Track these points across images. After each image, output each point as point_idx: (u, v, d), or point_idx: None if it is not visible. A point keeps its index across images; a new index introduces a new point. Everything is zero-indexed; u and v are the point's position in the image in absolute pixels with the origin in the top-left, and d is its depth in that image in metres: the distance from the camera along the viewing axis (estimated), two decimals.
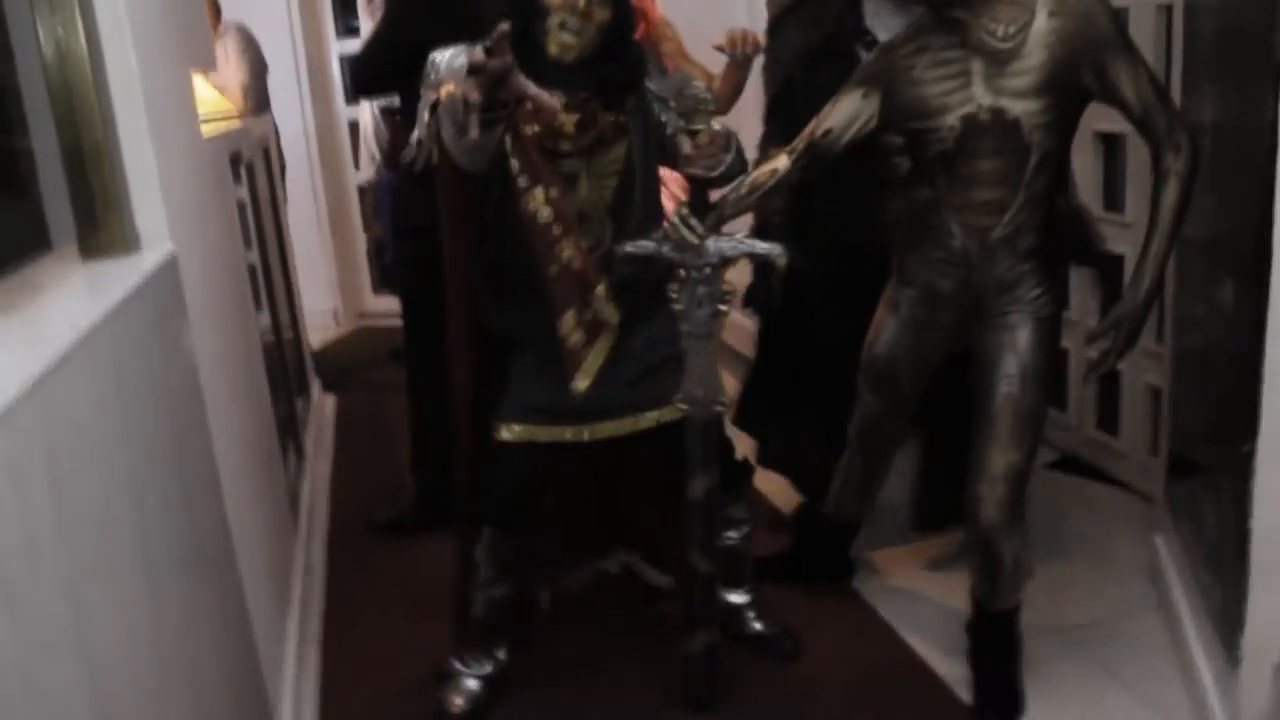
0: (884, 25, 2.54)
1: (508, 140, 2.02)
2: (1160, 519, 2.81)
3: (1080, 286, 3.34)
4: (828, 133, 2.20)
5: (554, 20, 2.00)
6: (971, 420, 2.26)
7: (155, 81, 1.88)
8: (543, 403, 2.21)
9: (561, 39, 2.01)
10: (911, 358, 2.38)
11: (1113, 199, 3.25)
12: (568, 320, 2.14)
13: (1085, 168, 3.18)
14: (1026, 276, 2.21)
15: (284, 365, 3.45)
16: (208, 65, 2.63)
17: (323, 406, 4.48)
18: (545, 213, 2.08)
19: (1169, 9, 2.83)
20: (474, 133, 1.74)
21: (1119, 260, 3.05)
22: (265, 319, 3.32)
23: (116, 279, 1.60)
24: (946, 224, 2.20)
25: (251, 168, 3.32)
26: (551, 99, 1.91)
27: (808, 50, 2.67)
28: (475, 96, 1.69)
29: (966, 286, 2.24)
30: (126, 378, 1.45)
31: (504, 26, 1.73)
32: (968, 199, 2.16)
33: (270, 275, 3.48)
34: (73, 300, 1.51)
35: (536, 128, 2.05)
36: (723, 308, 2.11)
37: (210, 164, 2.39)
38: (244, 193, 3.05)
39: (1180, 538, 2.61)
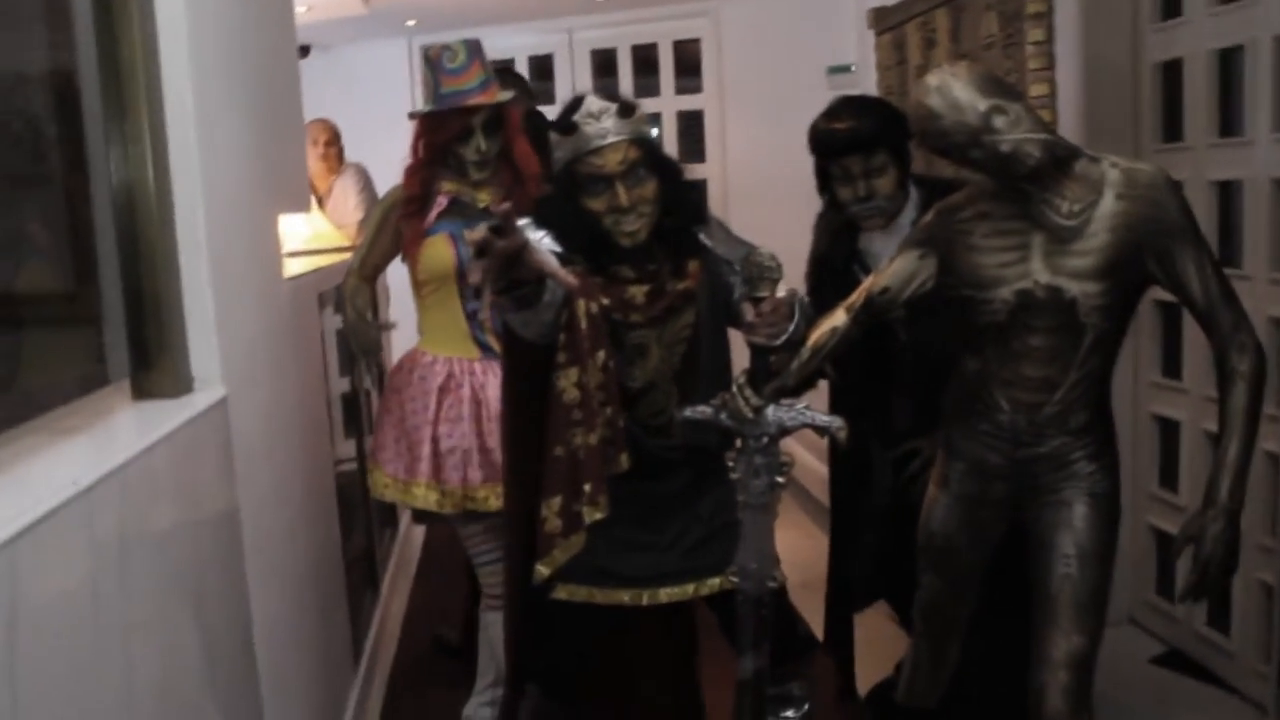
0: (877, 249, 2.54)
1: (563, 315, 2.00)
2: None
3: (1191, 468, 3.15)
4: (885, 290, 2.16)
5: (608, 221, 2.00)
6: (1029, 604, 2.13)
7: (227, 225, 1.94)
8: (602, 564, 2.14)
9: (624, 230, 2.00)
10: (967, 534, 2.26)
11: (1173, 367, 3.13)
12: (552, 505, 2.08)
13: (1144, 330, 3.12)
14: (1079, 453, 2.11)
15: (367, 497, 3.46)
16: (300, 206, 2.70)
17: (410, 538, 4.48)
18: (572, 394, 2.03)
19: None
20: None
21: None
22: (353, 449, 3.36)
23: (160, 420, 1.63)
24: (995, 398, 2.12)
25: None
26: (569, 277, 1.88)
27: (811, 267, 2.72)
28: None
29: (1016, 462, 2.14)
30: (150, 519, 1.45)
31: (506, 205, 1.72)
32: (1017, 374, 2.08)
33: (365, 404, 3.53)
34: (106, 438, 1.53)
35: (606, 300, 2.04)
36: (780, 480, 2.03)
37: (289, 302, 2.44)
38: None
39: None
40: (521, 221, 2.02)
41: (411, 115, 2.64)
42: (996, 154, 1.93)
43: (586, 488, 2.05)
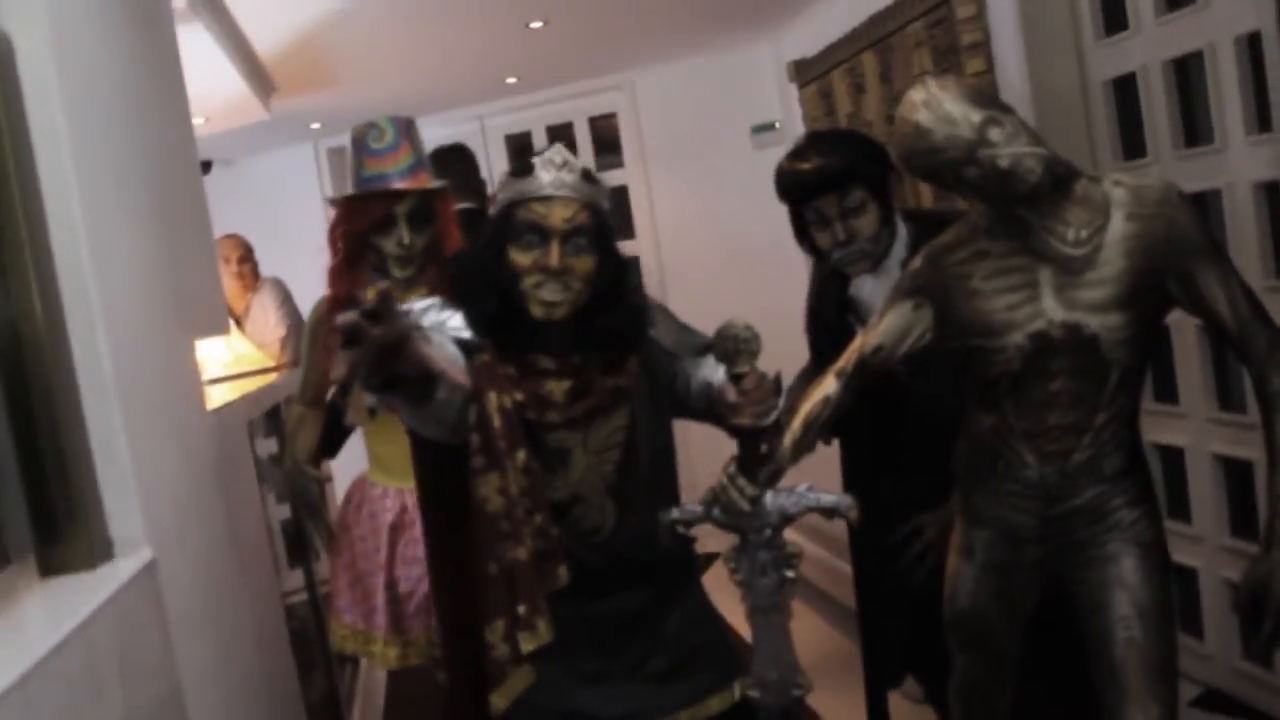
0: (868, 294, 2.34)
1: (472, 412, 1.71)
2: None
3: (1201, 494, 2.98)
4: (879, 350, 1.94)
5: (529, 281, 1.73)
6: (1091, 678, 1.92)
7: (136, 357, 1.68)
8: (565, 704, 1.85)
9: (542, 297, 1.73)
10: (1000, 606, 2.04)
11: (1166, 389, 2.99)
12: (497, 629, 1.75)
13: None
14: (1119, 500, 1.91)
15: (323, 631, 3.15)
16: (218, 329, 2.44)
17: (373, 674, 4.15)
18: (496, 502, 1.72)
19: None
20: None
21: None
22: (300, 579, 3.07)
23: (75, 600, 1.36)
24: (1018, 452, 1.92)
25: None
26: (461, 374, 1.62)
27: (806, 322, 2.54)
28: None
29: (1048, 521, 1.94)
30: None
31: (384, 285, 1.43)
32: (1040, 424, 1.88)
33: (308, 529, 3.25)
34: (8, 633, 1.25)
35: (519, 396, 1.75)
36: (790, 574, 1.80)
37: (214, 436, 2.17)
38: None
39: None
40: (426, 301, 1.77)
41: (331, 201, 2.38)
42: (995, 170, 1.74)
43: (521, 610, 1.74)
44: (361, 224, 2.29)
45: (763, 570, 1.80)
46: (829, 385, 1.98)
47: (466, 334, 1.74)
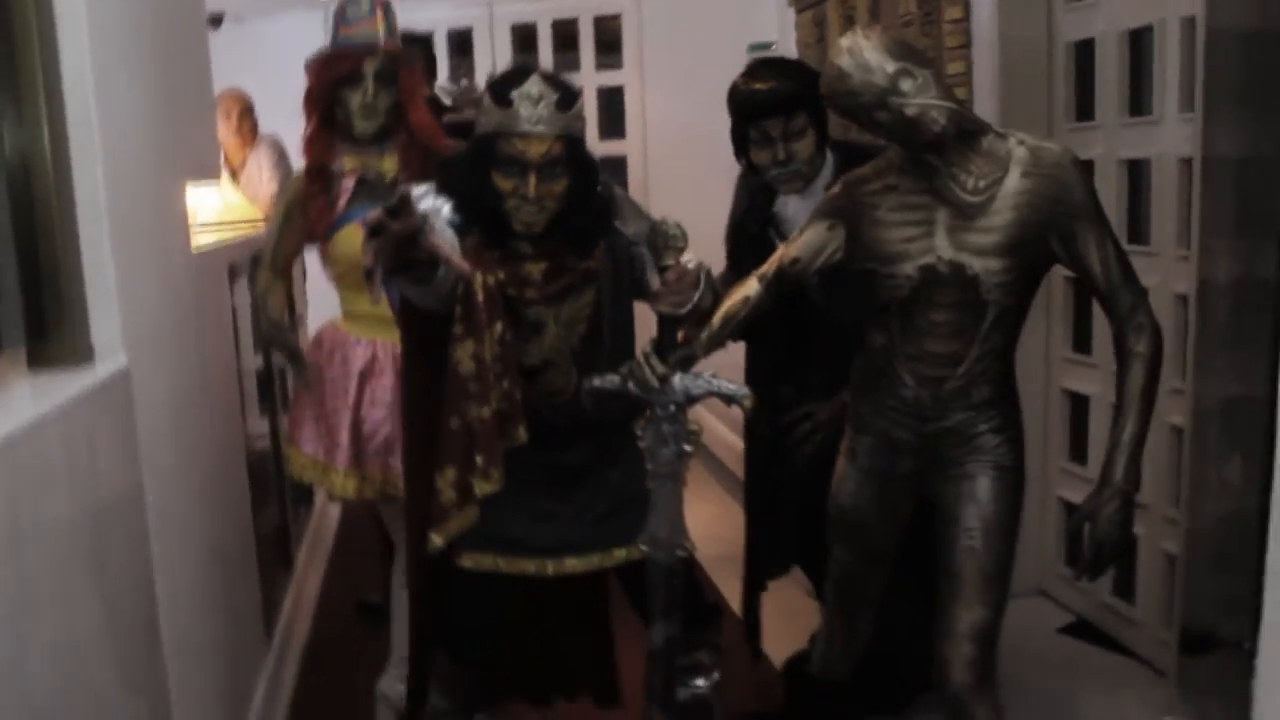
0: (792, 213, 2.53)
1: (460, 286, 1.97)
2: (1172, 699, 2.64)
3: (1101, 440, 3.22)
4: (795, 261, 2.16)
5: (510, 204, 1.98)
6: (934, 576, 2.15)
7: (130, 192, 1.87)
8: (508, 533, 2.14)
9: (521, 219, 1.99)
10: (877, 508, 2.28)
11: (1083, 342, 3.21)
12: (446, 476, 2.06)
13: (1055, 306, 3.21)
14: (983, 426, 2.13)
15: (281, 472, 3.40)
16: (210, 175, 2.63)
17: (327, 512, 4.41)
18: (468, 366, 2.02)
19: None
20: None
21: None
22: (266, 427, 3.30)
23: (56, 390, 1.57)
24: (899, 373, 2.13)
25: None
26: (463, 262, 1.84)
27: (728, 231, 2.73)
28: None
29: (922, 437, 2.16)
30: (44, 495, 1.40)
31: (404, 188, 1.68)
32: (921, 349, 2.10)
33: (280, 382, 3.46)
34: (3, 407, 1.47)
35: (500, 275, 2.01)
36: (689, 448, 2.03)
37: (197, 275, 2.37)
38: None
39: None
40: (421, 188, 1.98)
41: (306, 66, 2.55)
42: (901, 117, 1.93)
43: (479, 460, 2.05)
44: (329, 76, 2.47)
45: (665, 441, 2.03)
46: (751, 287, 2.20)
47: (457, 219, 1.97)
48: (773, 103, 2.41)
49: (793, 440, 2.60)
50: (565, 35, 5.79)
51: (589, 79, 5.76)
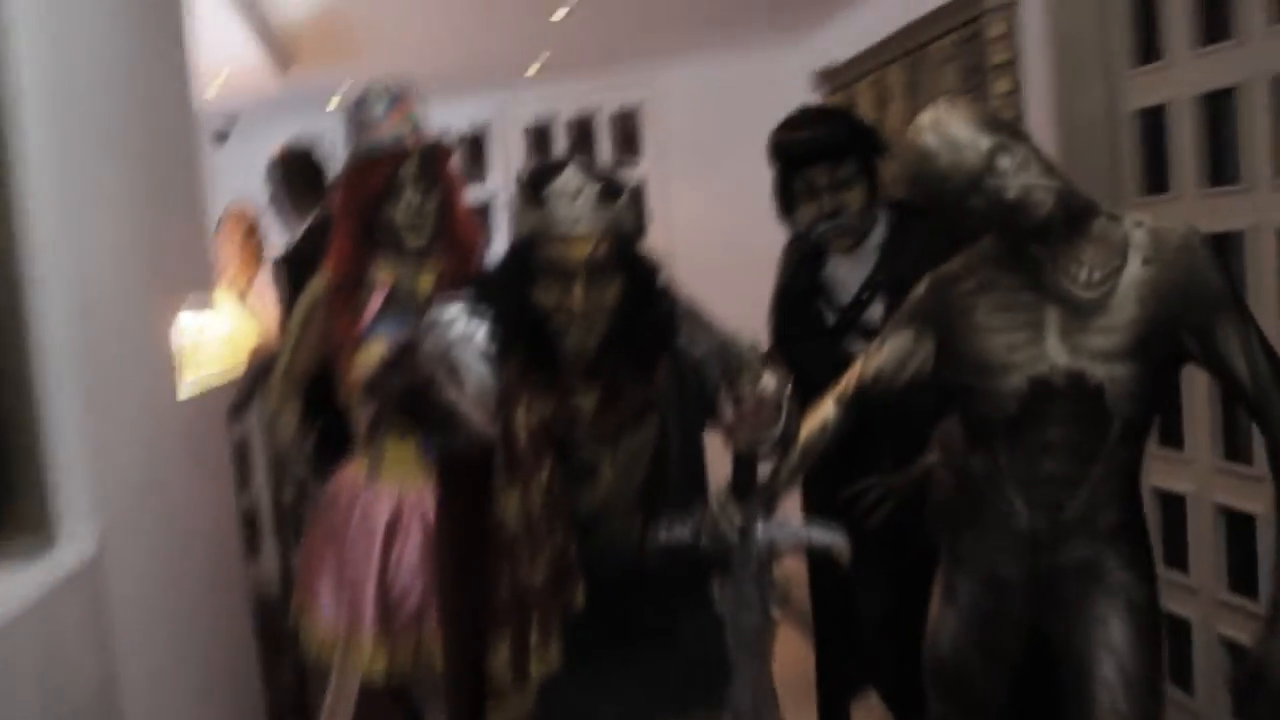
0: (843, 276, 2.33)
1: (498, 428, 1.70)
2: None
3: (1200, 545, 2.90)
4: (878, 379, 1.89)
5: (556, 323, 1.70)
6: None
7: (106, 330, 1.63)
8: (576, 708, 1.82)
9: (571, 342, 1.71)
10: (981, 658, 1.96)
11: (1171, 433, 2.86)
12: (500, 654, 1.76)
13: None
14: (1111, 560, 1.82)
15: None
16: (203, 303, 2.37)
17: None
18: (516, 523, 1.72)
19: None
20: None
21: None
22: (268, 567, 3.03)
23: (14, 588, 1.31)
24: (1008, 500, 1.83)
25: None
26: (485, 418, 1.57)
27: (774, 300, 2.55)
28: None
29: (1035, 574, 1.85)
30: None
31: (402, 337, 1.42)
32: (1034, 472, 1.80)
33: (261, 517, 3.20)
34: None
35: (546, 412, 1.73)
36: (776, 613, 1.72)
37: (187, 424, 2.11)
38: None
39: None
40: (453, 310, 1.72)
41: (329, 185, 2.33)
42: (1000, 201, 1.67)
43: (534, 636, 1.74)
44: (365, 191, 2.25)
45: (747, 604, 1.73)
46: (827, 411, 1.92)
47: (493, 346, 1.71)
48: (816, 149, 2.23)
49: (863, 510, 2.30)
50: (582, 132, 5.62)
51: None
